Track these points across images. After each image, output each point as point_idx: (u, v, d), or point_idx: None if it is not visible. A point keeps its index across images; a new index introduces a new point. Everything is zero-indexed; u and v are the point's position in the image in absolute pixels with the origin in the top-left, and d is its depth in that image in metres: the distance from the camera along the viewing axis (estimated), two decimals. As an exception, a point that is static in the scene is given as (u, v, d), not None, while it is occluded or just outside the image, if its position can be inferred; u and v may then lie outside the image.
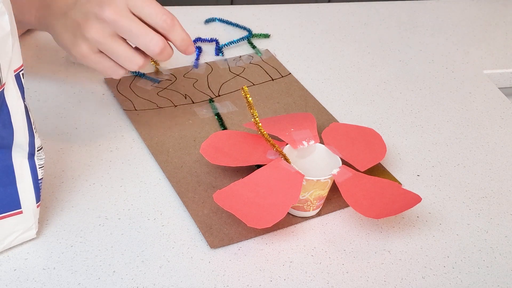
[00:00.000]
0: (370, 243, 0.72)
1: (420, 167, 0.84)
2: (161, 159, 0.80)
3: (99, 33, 0.69)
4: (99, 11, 0.68)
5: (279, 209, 0.69)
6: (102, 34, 0.69)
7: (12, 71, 0.60)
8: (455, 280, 0.69)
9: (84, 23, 0.69)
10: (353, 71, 1.01)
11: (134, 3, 0.69)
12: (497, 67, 1.07)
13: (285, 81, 0.96)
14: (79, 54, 0.71)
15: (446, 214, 0.77)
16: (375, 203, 0.72)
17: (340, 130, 0.82)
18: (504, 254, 0.73)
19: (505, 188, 0.82)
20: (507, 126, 0.93)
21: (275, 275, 0.68)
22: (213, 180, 0.77)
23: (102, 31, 0.69)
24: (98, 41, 0.69)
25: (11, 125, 0.61)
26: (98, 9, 0.68)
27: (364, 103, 0.94)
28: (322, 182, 0.71)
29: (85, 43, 0.70)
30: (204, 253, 0.69)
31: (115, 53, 0.70)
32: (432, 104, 0.96)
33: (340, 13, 1.16)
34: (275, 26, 1.09)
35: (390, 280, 0.69)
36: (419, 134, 0.89)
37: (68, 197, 0.74)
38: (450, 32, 1.14)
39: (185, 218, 0.73)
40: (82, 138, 0.82)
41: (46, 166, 0.69)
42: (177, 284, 0.66)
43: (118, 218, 0.72)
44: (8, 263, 0.66)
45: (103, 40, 0.69)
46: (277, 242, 0.71)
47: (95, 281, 0.65)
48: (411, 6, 1.20)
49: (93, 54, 0.71)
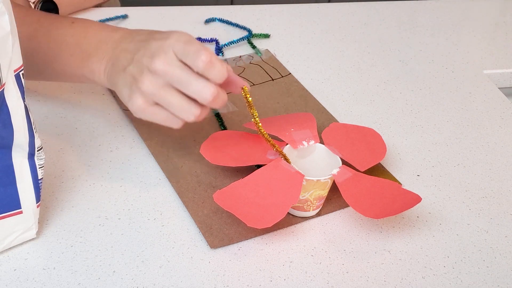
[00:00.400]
0: (370, 243, 0.72)
1: (420, 167, 0.84)
2: (161, 159, 0.80)
3: (152, 85, 0.68)
4: (150, 63, 0.68)
5: (279, 209, 0.69)
6: (156, 86, 0.68)
7: (12, 71, 0.60)
8: (455, 280, 0.69)
9: (138, 76, 0.69)
10: (353, 71, 1.01)
11: (178, 49, 0.68)
12: (497, 67, 1.06)
13: (285, 81, 0.96)
14: (136, 107, 0.70)
15: (446, 214, 0.77)
16: (375, 203, 0.72)
17: (340, 130, 0.82)
18: (504, 254, 0.73)
19: (505, 188, 0.82)
20: (507, 126, 0.93)
21: (275, 275, 0.68)
22: (213, 180, 0.77)
23: (156, 82, 0.68)
24: (152, 93, 0.69)
25: (11, 125, 0.61)
26: (150, 61, 0.68)
27: (364, 103, 0.94)
28: (322, 182, 0.71)
29: (141, 97, 0.69)
30: (204, 253, 0.69)
31: (169, 103, 0.69)
32: (432, 104, 0.95)
33: (340, 13, 1.16)
34: (275, 26, 1.09)
35: (390, 280, 0.69)
36: (419, 134, 0.89)
37: (68, 197, 0.74)
38: (450, 32, 1.14)
39: (185, 218, 0.73)
40: (82, 138, 0.82)
41: (46, 166, 0.69)
42: (177, 284, 0.66)
43: (118, 218, 0.72)
44: (8, 263, 0.66)
45: (156, 92, 0.69)
46: (277, 242, 0.71)
47: (95, 281, 0.65)
48: (411, 6, 1.20)
49: (149, 107, 0.70)
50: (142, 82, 0.69)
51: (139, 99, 0.70)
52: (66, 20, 0.77)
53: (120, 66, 0.72)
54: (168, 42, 0.69)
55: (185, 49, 0.68)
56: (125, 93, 0.71)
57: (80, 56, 0.75)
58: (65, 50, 0.75)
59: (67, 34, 0.76)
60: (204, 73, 0.68)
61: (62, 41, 0.75)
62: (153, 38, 0.71)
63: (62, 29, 0.76)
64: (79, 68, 0.75)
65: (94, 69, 0.74)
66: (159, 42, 0.69)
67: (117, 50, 0.73)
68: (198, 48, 0.68)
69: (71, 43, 0.75)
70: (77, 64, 0.75)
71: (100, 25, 0.77)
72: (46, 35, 0.76)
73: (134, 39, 0.73)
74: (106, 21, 1.05)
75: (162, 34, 0.71)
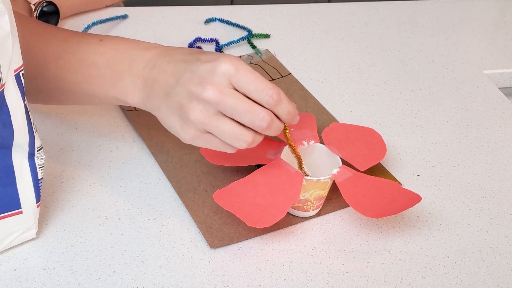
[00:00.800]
0: (370, 243, 0.72)
1: (420, 167, 0.84)
2: (161, 159, 0.80)
3: (203, 114, 0.65)
4: (200, 91, 0.65)
5: (279, 209, 0.69)
6: (207, 115, 0.65)
7: (12, 71, 0.60)
8: (455, 280, 0.69)
9: (187, 104, 0.66)
10: (353, 71, 1.01)
11: (237, 80, 0.65)
12: (497, 67, 1.06)
13: (285, 81, 0.96)
14: (188, 137, 0.68)
15: (446, 214, 0.77)
16: (375, 203, 0.72)
17: (340, 130, 0.82)
18: (504, 254, 0.73)
19: (505, 188, 0.82)
20: (507, 126, 0.93)
21: (275, 275, 0.68)
22: (213, 180, 0.77)
23: (206, 111, 0.65)
24: (203, 122, 0.66)
25: (11, 125, 0.61)
26: (200, 89, 0.65)
27: (364, 103, 0.94)
28: (322, 182, 0.71)
29: (192, 126, 0.66)
30: (204, 253, 0.69)
31: (221, 132, 0.66)
32: (432, 104, 0.95)
33: (340, 13, 1.16)
34: (275, 26, 1.09)
35: (390, 280, 0.69)
36: (419, 134, 0.89)
37: (68, 197, 0.74)
38: (450, 32, 1.14)
39: (185, 218, 0.73)
40: (82, 138, 0.82)
41: (46, 166, 0.69)
42: (177, 284, 0.66)
43: (118, 218, 0.72)
44: (8, 263, 0.66)
45: (207, 121, 0.65)
46: (277, 242, 0.71)
47: (95, 281, 0.65)
48: (411, 6, 1.20)
49: (201, 135, 0.67)
50: (192, 111, 0.65)
51: (191, 130, 0.67)
52: (94, 38, 0.73)
53: (161, 90, 0.68)
54: (220, 68, 0.65)
55: (241, 78, 0.65)
56: (174, 122, 0.68)
57: (112, 77, 0.71)
58: (95, 70, 0.71)
59: (96, 54, 0.71)
60: (272, 109, 0.66)
61: (92, 61, 0.71)
62: (199, 60, 0.67)
63: (91, 48, 0.72)
64: (111, 90, 0.71)
65: (127, 91, 0.71)
66: (208, 66, 0.66)
67: (154, 71, 0.69)
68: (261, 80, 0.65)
69: (101, 63, 0.71)
70: (108, 85, 0.71)
71: (130, 42, 0.73)
72: (73, 54, 0.72)
73: (173, 59, 0.69)
74: (106, 21, 1.05)
75: (208, 56, 0.67)
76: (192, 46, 1.01)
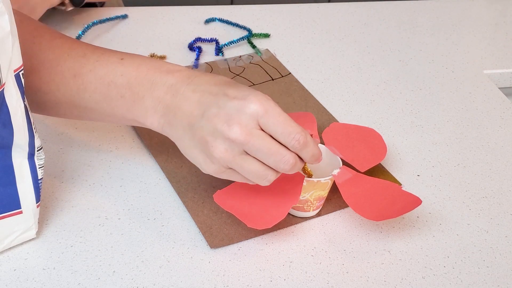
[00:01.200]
0: (370, 243, 0.72)
1: (420, 167, 0.84)
2: (161, 159, 0.80)
3: (227, 153, 0.64)
4: (227, 130, 0.63)
5: (279, 209, 0.69)
6: (232, 154, 0.64)
7: (12, 71, 0.60)
8: (455, 280, 0.69)
9: (212, 141, 0.64)
10: (353, 71, 1.01)
11: (265, 122, 0.63)
12: (497, 67, 1.06)
13: (285, 81, 0.96)
14: (211, 171, 0.67)
15: (446, 214, 0.77)
16: (375, 205, 0.72)
17: (340, 130, 0.82)
18: (504, 254, 0.73)
19: (505, 188, 0.82)
20: (507, 126, 0.93)
21: (275, 275, 0.68)
22: (213, 180, 0.77)
23: (232, 150, 0.64)
24: (227, 160, 0.65)
25: (11, 125, 0.61)
26: (227, 128, 0.63)
27: (364, 103, 0.94)
28: (322, 182, 0.71)
29: (216, 162, 0.65)
30: (204, 253, 0.69)
31: (245, 171, 0.65)
32: (432, 104, 0.95)
33: (340, 13, 1.16)
34: (275, 26, 1.09)
35: (390, 280, 0.69)
36: (419, 134, 0.89)
37: (68, 197, 0.74)
38: (450, 32, 1.14)
39: (185, 218, 0.73)
40: (82, 138, 0.82)
41: (46, 166, 0.69)
42: (177, 284, 0.66)
43: (118, 218, 0.72)
44: (8, 263, 0.66)
45: (232, 160, 0.64)
46: (277, 242, 0.71)
47: (95, 281, 0.65)
48: (411, 6, 1.20)
49: (225, 171, 0.66)
50: (217, 148, 0.64)
51: (215, 166, 0.66)
52: (114, 56, 0.70)
53: (185, 120, 0.66)
54: (250, 107, 0.63)
55: (269, 120, 0.64)
56: (197, 155, 0.67)
57: (132, 99, 0.68)
58: (115, 91, 0.69)
59: (117, 73, 0.69)
60: (298, 152, 0.65)
61: (112, 80, 0.69)
62: (226, 96, 0.65)
63: (111, 66, 0.69)
64: (130, 112, 0.69)
65: (147, 114, 0.69)
66: (236, 104, 0.64)
67: (177, 98, 0.67)
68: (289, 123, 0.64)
69: (121, 83, 0.68)
70: (127, 107, 0.69)
71: (152, 63, 0.70)
72: (93, 72, 0.69)
73: (199, 88, 0.67)
74: (106, 21, 1.05)
75: (236, 91, 0.65)
76: (192, 46, 1.01)
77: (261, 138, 0.64)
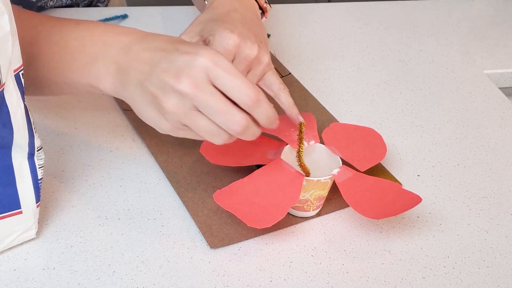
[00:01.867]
0: (370, 243, 0.72)
1: (420, 167, 0.84)
2: (161, 159, 0.80)
3: (179, 107, 0.62)
4: (176, 83, 0.61)
5: (279, 209, 0.69)
6: (183, 109, 0.62)
7: (12, 71, 0.60)
8: (455, 280, 0.69)
9: (162, 96, 0.62)
10: (353, 71, 1.01)
11: (215, 75, 0.61)
12: (497, 67, 1.07)
13: (285, 81, 0.96)
14: (168, 130, 0.65)
15: (446, 214, 0.77)
16: (375, 204, 0.72)
17: (340, 130, 0.82)
18: (504, 254, 0.73)
19: (505, 188, 0.82)
20: (507, 126, 0.93)
21: (275, 275, 0.68)
22: (213, 180, 0.77)
23: (182, 105, 0.62)
24: (178, 115, 0.62)
25: (11, 125, 0.61)
26: (175, 81, 0.61)
27: (364, 103, 0.94)
28: (322, 182, 0.71)
29: (169, 118, 0.63)
30: (204, 253, 0.69)
31: (197, 128, 0.63)
32: (432, 104, 0.95)
33: (340, 13, 1.16)
34: (275, 26, 1.09)
35: (390, 280, 0.69)
36: (419, 134, 0.89)
37: (68, 197, 0.74)
38: (450, 32, 1.14)
39: (185, 218, 0.73)
40: (82, 138, 0.82)
41: (46, 166, 0.69)
42: (177, 284, 0.66)
43: (118, 218, 0.72)
44: (8, 263, 0.66)
45: (183, 116, 0.62)
46: (277, 242, 0.71)
47: (95, 281, 0.65)
48: (411, 6, 1.20)
49: (180, 128, 0.64)
50: (166, 103, 0.62)
51: (167, 124, 0.64)
52: (70, 22, 0.69)
53: (134, 78, 0.64)
54: (199, 60, 0.61)
55: (220, 73, 0.61)
56: (150, 113, 0.64)
57: (84, 61, 0.67)
58: (69, 54, 0.67)
59: (71, 37, 0.68)
60: (249, 110, 0.62)
61: (65, 44, 0.67)
62: (178, 50, 0.63)
63: (66, 31, 0.68)
64: (83, 75, 0.67)
65: (100, 76, 0.67)
66: (187, 57, 0.62)
67: (129, 56, 0.65)
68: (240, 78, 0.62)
69: (75, 46, 0.67)
70: (81, 70, 0.67)
71: (107, 26, 0.69)
72: (48, 38, 0.68)
73: (151, 46, 0.65)
74: (106, 21, 1.05)
75: (188, 47, 0.63)
76: (192, 46, 1.01)
77: (209, 94, 0.61)
